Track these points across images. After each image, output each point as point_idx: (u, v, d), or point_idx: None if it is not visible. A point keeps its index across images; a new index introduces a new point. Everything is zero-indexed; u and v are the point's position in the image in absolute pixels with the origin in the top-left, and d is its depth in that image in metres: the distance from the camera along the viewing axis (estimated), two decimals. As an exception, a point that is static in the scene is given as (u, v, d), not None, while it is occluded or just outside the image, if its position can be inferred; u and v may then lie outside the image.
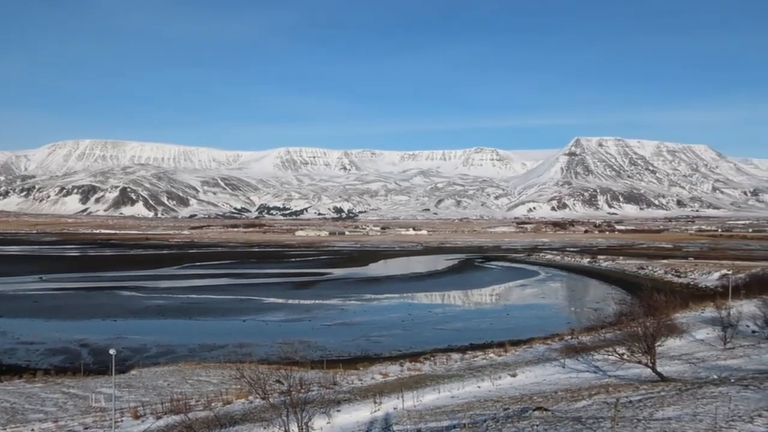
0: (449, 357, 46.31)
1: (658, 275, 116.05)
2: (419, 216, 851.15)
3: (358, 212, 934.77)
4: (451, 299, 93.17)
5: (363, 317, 72.87)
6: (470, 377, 36.20)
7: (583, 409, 22.35)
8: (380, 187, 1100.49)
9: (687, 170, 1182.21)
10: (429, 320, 71.11)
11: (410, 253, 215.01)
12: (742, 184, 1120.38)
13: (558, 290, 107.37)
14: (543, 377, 35.40)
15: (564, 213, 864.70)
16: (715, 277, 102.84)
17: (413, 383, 34.91)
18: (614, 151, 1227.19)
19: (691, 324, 49.21)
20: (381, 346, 55.80)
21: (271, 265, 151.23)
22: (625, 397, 23.91)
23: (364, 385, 37.02)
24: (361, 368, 43.19)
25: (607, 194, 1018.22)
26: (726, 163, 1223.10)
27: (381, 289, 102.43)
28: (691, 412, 18.90)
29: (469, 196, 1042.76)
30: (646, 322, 33.85)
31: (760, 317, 44.35)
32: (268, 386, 29.58)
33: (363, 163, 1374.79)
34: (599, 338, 45.09)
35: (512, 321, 70.44)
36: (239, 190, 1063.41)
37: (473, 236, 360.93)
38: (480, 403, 27.60)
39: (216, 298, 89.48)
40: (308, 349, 51.66)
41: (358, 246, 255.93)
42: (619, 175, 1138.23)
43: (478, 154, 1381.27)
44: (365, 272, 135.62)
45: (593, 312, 65.11)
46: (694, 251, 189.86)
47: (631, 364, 32.59)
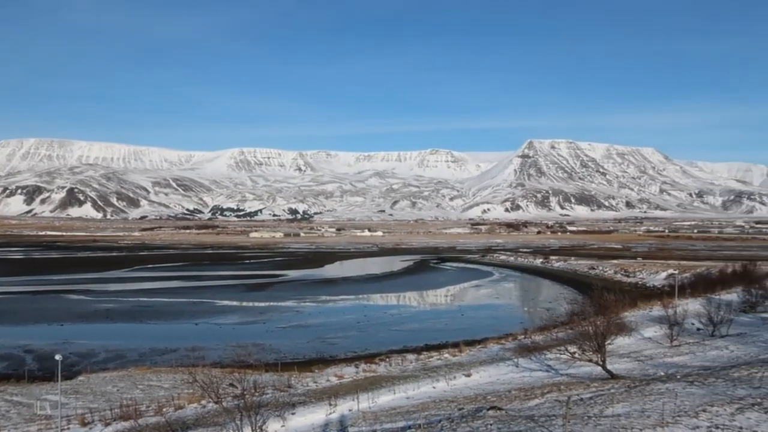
0: (405, 358, 46.39)
1: (608, 275, 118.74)
2: (375, 217, 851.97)
3: (314, 213, 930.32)
4: (406, 300, 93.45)
5: (318, 319, 72.48)
6: (425, 378, 36.32)
7: (536, 407, 22.66)
8: (336, 189, 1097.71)
9: (636, 172, 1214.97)
10: (384, 321, 71.16)
11: (366, 254, 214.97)
12: (687, 186, 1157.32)
13: (512, 290, 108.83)
14: (497, 377, 35.78)
15: (517, 214, 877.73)
16: (662, 277, 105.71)
17: (368, 385, 34.84)
18: (566, 153, 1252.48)
19: (640, 322, 50.44)
20: (336, 348, 55.58)
21: (225, 267, 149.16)
22: (577, 395, 24.33)
23: (319, 387, 36.77)
24: (316, 370, 42.90)
25: (559, 196, 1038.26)
26: (672, 166, 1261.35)
27: (336, 290, 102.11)
28: (639, 409, 19.33)
29: (424, 197, 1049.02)
30: (597, 321, 34.57)
31: (704, 315, 45.79)
32: (221, 390, 29.13)
33: (318, 164, 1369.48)
34: (552, 337, 45.87)
35: (467, 321, 71.03)
36: (192, 191, 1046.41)
37: (428, 237, 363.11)
38: (435, 404, 27.71)
39: (168, 300, 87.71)
40: (263, 352, 51.09)
41: (313, 247, 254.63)
42: (571, 177, 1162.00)
43: (434, 155, 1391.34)
44: (321, 274, 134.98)
45: (546, 312, 66.24)
46: (642, 251, 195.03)
47: (582, 362, 33.22)
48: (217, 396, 27.59)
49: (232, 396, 29.60)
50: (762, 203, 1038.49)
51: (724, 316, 44.34)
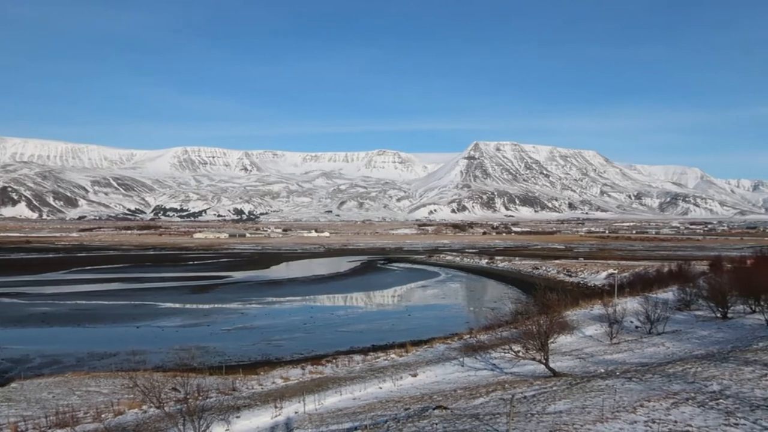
0: (351, 359, 46.27)
1: (551, 275, 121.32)
2: (322, 218, 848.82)
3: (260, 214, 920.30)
4: (353, 301, 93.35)
5: (264, 321, 71.65)
6: (372, 378, 36.31)
7: (481, 405, 22.91)
8: (282, 189, 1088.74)
9: (578, 175, 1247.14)
10: (331, 322, 70.89)
11: (312, 255, 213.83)
12: (627, 189, 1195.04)
13: (458, 291, 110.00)
14: (443, 376, 36.05)
15: (463, 215, 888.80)
16: (603, 276, 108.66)
17: (315, 386, 34.60)
18: (511, 155, 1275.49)
19: (581, 321, 51.61)
20: (282, 350, 55.06)
21: (168, 269, 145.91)
22: (521, 392, 24.71)
23: (264, 390, 36.31)
24: (261, 373, 42.35)
25: (504, 197, 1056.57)
26: (613, 169, 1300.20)
27: (282, 292, 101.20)
28: (580, 405, 19.76)
29: (371, 198, 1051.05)
30: (540, 320, 35.20)
31: (642, 313, 47.21)
32: (163, 394, 28.39)
33: (264, 164, 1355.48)
34: (496, 337, 46.49)
35: (413, 322, 71.41)
36: (133, 190, 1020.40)
37: (375, 238, 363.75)
38: (381, 404, 27.72)
39: (107, 303, 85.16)
40: (207, 355, 50.18)
41: (259, 248, 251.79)
42: (516, 178, 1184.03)
43: (381, 156, 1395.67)
44: (266, 275, 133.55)
45: (491, 311, 67.17)
46: (584, 252, 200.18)
47: (526, 360, 33.77)
48: (158, 401, 26.87)
49: (175, 400, 28.92)
50: (696, 205, 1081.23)
51: (661, 314, 45.82)
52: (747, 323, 44.33)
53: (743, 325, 43.54)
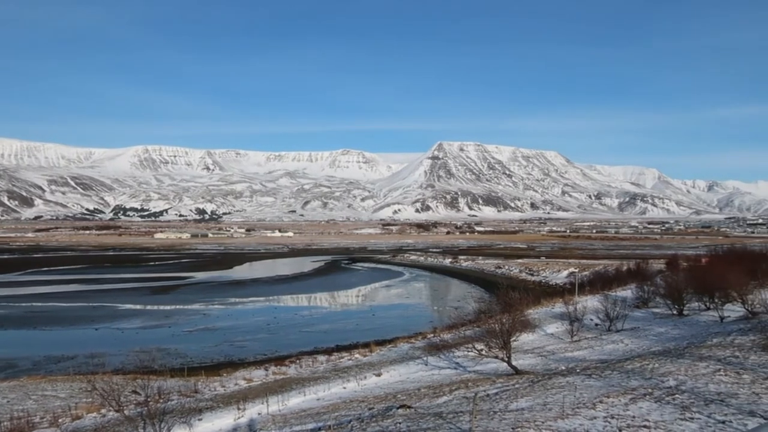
0: (315, 359, 46.09)
1: (513, 274, 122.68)
2: (285, 218, 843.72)
3: (222, 214, 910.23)
4: (317, 301, 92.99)
5: (227, 322, 70.87)
6: (336, 378, 36.24)
7: (444, 404, 23.06)
8: (245, 188, 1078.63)
9: (540, 175, 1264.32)
10: (295, 323, 70.49)
11: (276, 255, 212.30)
12: (587, 189, 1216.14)
13: (422, 290, 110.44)
14: (407, 375, 36.17)
15: (427, 215, 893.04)
16: (564, 275, 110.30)
17: (278, 387, 34.38)
18: (474, 155, 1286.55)
19: (543, 319, 52.32)
20: (245, 351, 54.54)
21: (128, 270, 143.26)
22: (483, 391, 24.94)
23: (227, 391, 35.93)
24: (224, 374, 41.89)
25: (468, 197, 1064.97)
26: (574, 169, 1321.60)
27: (246, 292, 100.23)
28: (542, 402, 20.04)
29: (335, 197, 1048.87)
30: (503, 318, 35.57)
31: (602, 311, 48.09)
32: (123, 397, 27.91)
33: (227, 163, 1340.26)
34: (460, 335, 46.83)
35: (378, 321, 71.47)
36: (92, 189, 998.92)
37: (340, 238, 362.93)
38: (345, 404, 27.68)
39: (65, 305, 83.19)
40: (168, 357, 49.39)
41: (221, 248, 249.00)
42: (479, 178, 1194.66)
43: (345, 156, 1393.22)
44: (229, 275, 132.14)
45: (454, 310, 67.68)
46: (545, 251, 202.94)
47: (489, 359, 34.09)
48: (118, 404, 26.40)
49: (135, 403, 28.44)
50: (654, 205, 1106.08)
51: (620, 312, 46.74)
52: (702, 320, 45.49)
53: (698, 322, 44.67)
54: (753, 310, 40.65)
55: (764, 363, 22.33)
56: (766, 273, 56.37)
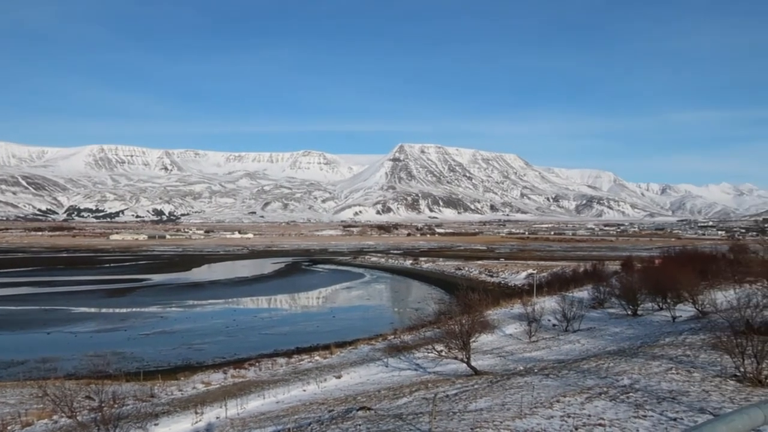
0: (275, 362, 45.72)
1: (473, 275, 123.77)
2: (245, 219, 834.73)
3: (181, 215, 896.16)
4: (277, 303, 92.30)
5: (185, 324, 69.77)
6: (296, 381, 36.02)
7: (405, 405, 23.11)
8: (204, 189, 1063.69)
9: (499, 177, 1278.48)
10: (255, 325, 69.82)
11: (236, 257, 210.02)
12: (545, 191, 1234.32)
13: (382, 292, 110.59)
14: (367, 377, 36.15)
15: (388, 216, 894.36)
16: (523, 276, 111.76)
17: (237, 390, 34.01)
18: (435, 157, 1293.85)
19: (502, 320, 52.91)
20: (204, 354, 53.80)
21: (82, 272, 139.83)
22: (443, 391, 25.08)
23: (185, 395, 35.37)
24: (182, 378, 41.23)
25: (429, 199, 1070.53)
26: (532, 172, 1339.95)
27: (204, 294, 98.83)
28: (500, 402, 20.25)
29: (296, 199, 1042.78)
30: (462, 319, 35.86)
31: (559, 312, 48.92)
32: (76, 403, 27.20)
33: (186, 163, 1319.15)
34: (420, 337, 47.06)
35: (338, 323, 71.28)
36: (44, 189, 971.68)
37: (300, 239, 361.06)
38: (305, 407, 27.53)
39: (15, 309, 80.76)
40: (123, 361, 48.43)
41: (180, 250, 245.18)
42: (440, 180, 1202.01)
43: (306, 157, 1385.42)
44: (187, 277, 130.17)
45: (415, 312, 67.93)
46: (504, 253, 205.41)
47: (448, 360, 34.31)
48: (71, 410, 25.71)
49: (89, 409, 27.76)
50: (609, 207, 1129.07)
51: (577, 313, 47.60)
52: (655, 320, 46.61)
53: (651, 322, 45.75)
54: (703, 310, 41.83)
55: (713, 361, 22.98)
56: (716, 274, 58.07)
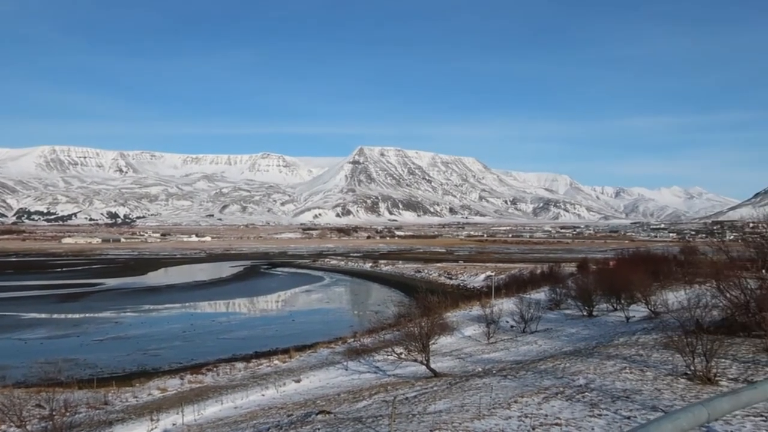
0: (233, 366, 45.19)
1: (433, 278, 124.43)
2: (203, 222, 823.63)
3: (136, 218, 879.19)
4: (236, 307, 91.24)
5: (140, 330, 68.35)
6: (255, 386, 35.66)
7: (364, 408, 23.09)
8: (161, 192, 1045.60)
9: (458, 180, 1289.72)
10: (212, 330, 68.87)
11: (193, 260, 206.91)
12: (503, 194, 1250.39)
13: (342, 295, 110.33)
14: (327, 381, 36.01)
15: (348, 219, 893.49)
16: (481, 278, 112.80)
17: (194, 396, 33.50)
18: (395, 160, 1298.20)
19: (461, 322, 53.28)
20: (160, 360, 52.79)
21: (33, 277, 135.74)
22: (403, 394, 25.14)
23: (140, 402, 34.68)
24: (137, 384, 40.39)
25: (388, 201, 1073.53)
26: (491, 175, 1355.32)
27: (160, 299, 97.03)
28: (459, 404, 20.39)
29: (255, 201, 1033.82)
30: (422, 322, 36.01)
31: (517, 313, 49.52)
32: (25, 412, 26.41)
33: (141, 165, 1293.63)
34: (380, 339, 47.08)
35: (298, 327, 70.83)
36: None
37: (259, 242, 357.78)
38: (264, 411, 27.27)
39: (-39, 315, 77.98)
40: (76, 368, 47.16)
41: (135, 254, 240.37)
42: (399, 183, 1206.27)
43: (265, 159, 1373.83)
44: (143, 281, 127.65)
45: (375, 314, 67.85)
46: (463, 255, 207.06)
47: (408, 362, 34.40)
48: (20, 419, 24.94)
49: (39, 418, 26.98)
50: (566, 210, 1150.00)
51: (534, 314, 48.27)
52: (610, 320, 47.58)
53: (606, 322, 46.68)
54: (655, 310, 42.86)
55: (665, 360, 23.56)
56: (668, 275, 59.59)
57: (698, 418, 4.50)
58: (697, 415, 4.50)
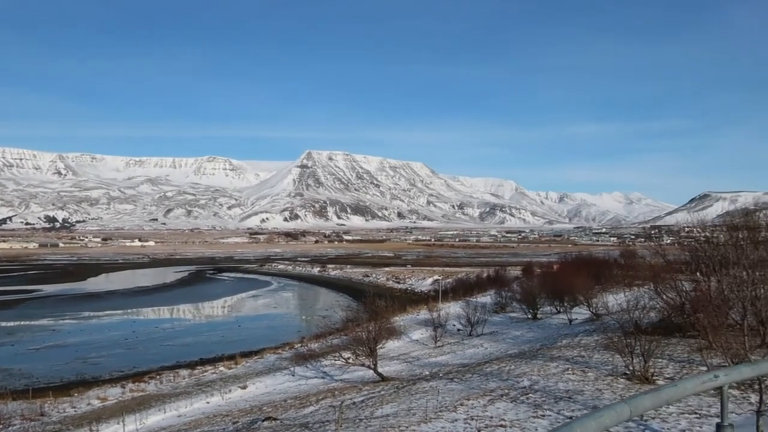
0: (177, 374, 44.24)
1: (380, 282, 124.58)
2: (147, 226, 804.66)
3: (76, 222, 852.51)
4: (180, 313, 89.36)
5: (79, 338, 66.14)
6: (199, 393, 35.03)
7: (311, 414, 22.95)
8: (102, 195, 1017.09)
9: (406, 185, 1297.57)
10: (156, 337, 67.22)
11: (136, 265, 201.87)
12: (451, 199, 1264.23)
13: (290, 300, 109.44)
14: (273, 387, 35.66)
15: (296, 224, 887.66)
16: (429, 282, 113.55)
17: (136, 405, 32.66)
18: (343, 165, 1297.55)
19: (409, 326, 53.56)
20: (100, 368, 51.16)
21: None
22: (350, 399, 25.09)
23: (78, 413, 33.57)
24: (75, 394, 39.07)
25: (336, 206, 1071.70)
26: (438, 180, 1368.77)
27: (101, 305, 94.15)
28: (406, 407, 20.48)
29: (200, 205, 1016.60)
30: (370, 326, 36.07)
31: (464, 317, 50.08)
32: (-46, 426, 25.27)
33: (82, 168, 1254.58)
34: (327, 344, 46.91)
35: (244, 332, 69.84)
36: None
37: (205, 247, 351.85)
38: (208, 419, 26.80)
39: None
40: (10, 378, 45.35)
41: (74, 259, 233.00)
42: (347, 187, 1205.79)
43: (211, 163, 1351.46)
44: (83, 288, 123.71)
45: (323, 319, 67.55)
46: (411, 259, 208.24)
47: (356, 367, 34.39)
48: (-52, 433, 23.84)
49: (-31, 431, 25.84)
50: (511, 215, 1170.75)
51: (480, 317, 48.89)
52: (553, 323, 48.62)
53: (550, 325, 47.70)
54: (597, 312, 44.02)
55: (606, 361, 24.22)
56: (609, 278, 61.25)
57: (621, 415, 4.68)
58: (619, 413, 4.68)
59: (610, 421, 4.46)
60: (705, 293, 24.41)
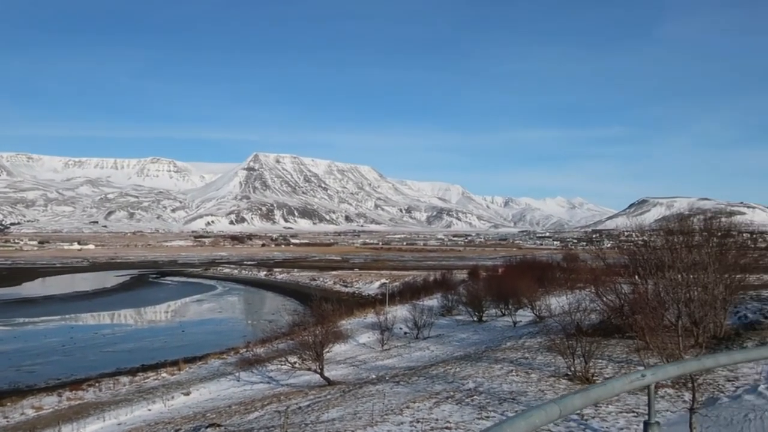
0: (117, 381, 43.03)
1: (328, 286, 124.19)
2: (86, 229, 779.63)
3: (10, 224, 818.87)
4: (121, 318, 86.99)
5: (13, 344, 63.57)
6: (140, 400, 34.18)
7: (256, 420, 22.68)
8: (39, 196, 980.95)
9: (354, 188, 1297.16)
10: (95, 343, 65.22)
11: (74, 269, 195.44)
12: (398, 203, 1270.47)
13: (235, 304, 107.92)
14: (218, 393, 35.10)
15: (242, 227, 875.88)
16: (376, 286, 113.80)
17: (73, 414, 31.64)
18: (290, 167, 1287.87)
19: (356, 329, 53.54)
20: (35, 376, 49.27)
21: None
22: (296, 403, 24.91)
23: (11, 423, 32.31)
24: (8, 404, 37.55)
25: (284, 209, 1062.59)
26: (386, 184, 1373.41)
27: (37, 311, 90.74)
28: (352, 411, 20.46)
29: (143, 208, 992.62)
30: (316, 330, 35.92)
31: (410, 320, 50.39)
32: None
33: (17, 168, 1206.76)
34: (273, 349, 46.43)
35: (188, 338, 68.48)
36: None
37: (148, 250, 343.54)
38: (150, 427, 26.17)
39: None
40: (-63, 388, 43.22)
41: (8, 263, 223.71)
42: (295, 191, 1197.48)
43: (155, 164, 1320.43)
44: (17, 292, 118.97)
45: (269, 324, 66.77)
46: (359, 263, 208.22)
47: (302, 371, 34.19)
48: None
49: None
50: (458, 219, 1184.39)
51: (427, 320, 49.29)
52: (498, 325, 49.41)
53: (495, 327, 48.45)
54: (540, 314, 44.98)
55: (549, 362, 24.75)
56: (552, 281, 62.64)
57: (551, 414, 4.78)
58: (549, 412, 4.78)
59: (540, 421, 4.55)
60: (642, 295, 25.23)
